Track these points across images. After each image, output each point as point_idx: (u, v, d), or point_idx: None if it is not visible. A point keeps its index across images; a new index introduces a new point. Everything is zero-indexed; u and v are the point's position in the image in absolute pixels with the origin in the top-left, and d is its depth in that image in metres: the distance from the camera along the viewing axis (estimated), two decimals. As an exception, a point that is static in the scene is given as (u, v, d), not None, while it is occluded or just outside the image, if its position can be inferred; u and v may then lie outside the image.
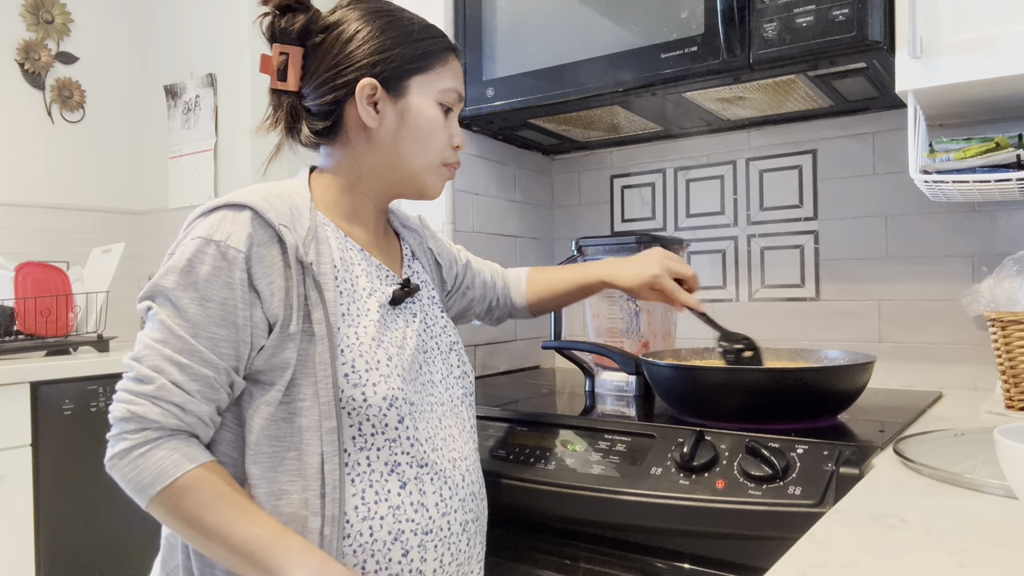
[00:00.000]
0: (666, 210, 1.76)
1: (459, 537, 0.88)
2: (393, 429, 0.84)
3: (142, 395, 0.76)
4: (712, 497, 0.90)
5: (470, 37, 1.53)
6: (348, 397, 0.81)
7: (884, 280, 1.49)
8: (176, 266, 0.79)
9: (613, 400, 1.31)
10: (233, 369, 0.80)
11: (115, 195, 2.75)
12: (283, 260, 0.81)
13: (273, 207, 0.82)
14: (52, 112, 2.58)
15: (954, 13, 1.09)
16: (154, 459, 0.75)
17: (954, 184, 1.14)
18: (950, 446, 0.89)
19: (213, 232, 0.80)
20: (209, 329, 0.78)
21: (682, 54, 1.25)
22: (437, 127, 0.94)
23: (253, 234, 0.80)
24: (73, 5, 2.63)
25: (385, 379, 0.84)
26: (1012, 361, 1.12)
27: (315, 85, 0.90)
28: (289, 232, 0.82)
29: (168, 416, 0.76)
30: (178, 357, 0.77)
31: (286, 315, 0.81)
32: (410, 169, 0.94)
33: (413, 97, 0.92)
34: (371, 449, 0.83)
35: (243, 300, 0.79)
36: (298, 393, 0.80)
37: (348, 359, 0.82)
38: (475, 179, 1.66)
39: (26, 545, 1.74)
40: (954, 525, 0.65)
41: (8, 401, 1.72)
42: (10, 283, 2.03)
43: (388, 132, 0.91)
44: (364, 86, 0.88)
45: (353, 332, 0.84)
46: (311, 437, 0.79)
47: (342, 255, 0.88)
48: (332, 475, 0.79)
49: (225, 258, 0.79)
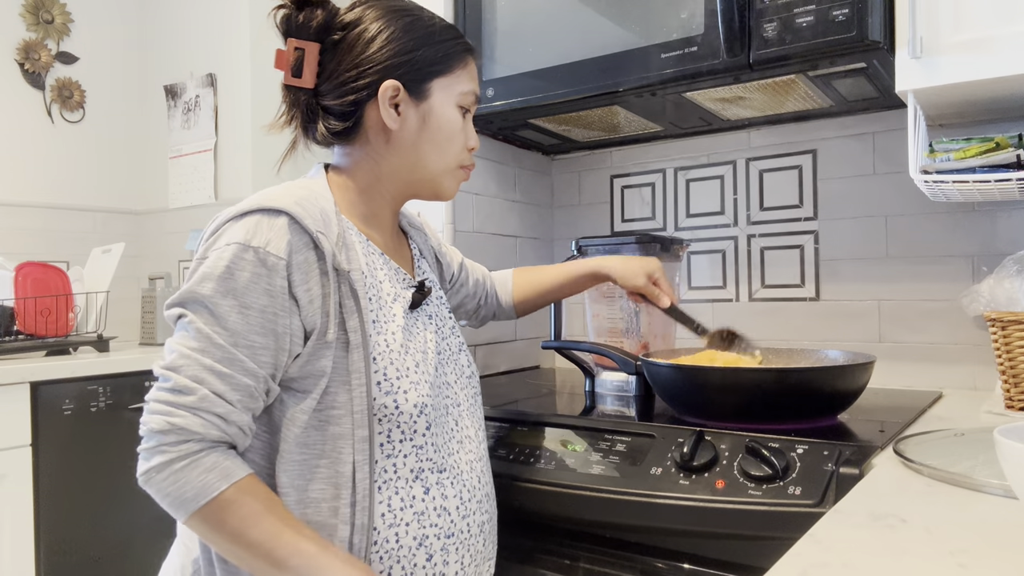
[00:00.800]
0: (666, 210, 1.76)
1: (477, 538, 0.89)
2: (421, 436, 0.84)
3: (182, 406, 0.74)
4: (712, 497, 0.90)
5: (470, 37, 1.53)
6: (380, 405, 0.81)
7: (884, 280, 1.49)
8: (213, 273, 0.77)
9: (613, 400, 1.31)
10: (271, 377, 0.79)
11: (115, 195, 2.75)
12: (319, 267, 0.80)
13: (308, 212, 0.81)
14: (52, 112, 2.58)
15: (954, 13, 1.09)
16: (196, 473, 0.73)
17: (954, 184, 1.14)
18: (950, 446, 0.89)
19: (251, 238, 0.78)
20: (249, 337, 0.76)
21: (682, 54, 1.25)
22: (456, 130, 0.93)
23: (292, 240, 0.79)
24: (73, 5, 2.63)
25: (415, 386, 0.84)
26: (1012, 361, 1.12)
27: (335, 84, 0.88)
28: (325, 239, 0.80)
29: (210, 427, 0.74)
30: (219, 367, 0.75)
31: (323, 323, 0.80)
32: (429, 172, 0.93)
33: (435, 100, 0.91)
34: (398, 456, 0.82)
35: (283, 308, 0.78)
36: (332, 401, 0.80)
37: (380, 367, 0.82)
38: (475, 179, 1.66)
39: (26, 545, 1.74)
40: (954, 525, 0.65)
41: (8, 401, 1.72)
42: (10, 283, 2.03)
43: (409, 134, 0.90)
44: (387, 88, 0.87)
45: (383, 339, 0.83)
46: (344, 445, 0.79)
47: (367, 260, 0.87)
48: (363, 483, 0.78)
49: (265, 265, 0.77)
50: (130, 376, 1.95)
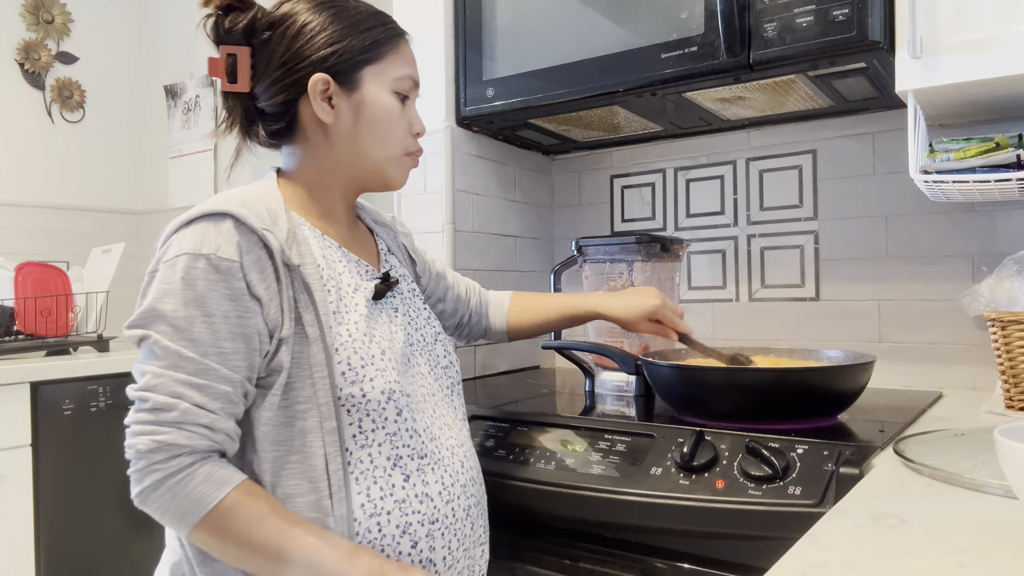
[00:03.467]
0: (666, 210, 1.76)
1: (463, 523, 0.89)
2: (392, 423, 0.84)
3: (166, 423, 0.75)
4: (712, 497, 0.90)
5: (470, 37, 1.53)
6: (347, 395, 0.81)
7: (884, 280, 1.49)
8: (169, 287, 0.77)
9: (613, 400, 1.31)
10: (247, 380, 0.79)
11: (115, 195, 2.76)
12: (271, 264, 0.81)
13: (253, 212, 0.81)
14: (52, 112, 2.59)
15: (954, 13, 1.09)
16: (192, 485, 0.74)
17: (954, 184, 1.14)
18: (950, 446, 0.89)
19: (200, 245, 0.78)
20: (218, 345, 0.77)
21: (682, 54, 1.25)
22: (394, 117, 0.92)
23: (240, 241, 0.79)
24: (73, 5, 2.63)
25: (381, 373, 0.84)
26: (1012, 361, 1.12)
27: (266, 85, 0.88)
28: (272, 236, 0.81)
29: (198, 438, 0.75)
30: (194, 379, 0.76)
31: (280, 319, 0.80)
32: (371, 162, 0.93)
33: (367, 89, 0.90)
34: (372, 445, 0.82)
35: (247, 309, 0.79)
36: (296, 396, 0.80)
37: (343, 357, 0.82)
38: (475, 179, 1.66)
39: (26, 545, 1.74)
40: (954, 525, 0.65)
41: (8, 401, 1.72)
42: (10, 283, 2.03)
43: (345, 127, 0.90)
44: (316, 82, 0.87)
45: (345, 330, 0.83)
46: (313, 439, 0.79)
47: (323, 253, 0.88)
48: (336, 475, 0.79)
49: (219, 270, 0.77)
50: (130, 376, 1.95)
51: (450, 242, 1.59)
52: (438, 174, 1.59)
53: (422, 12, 1.62)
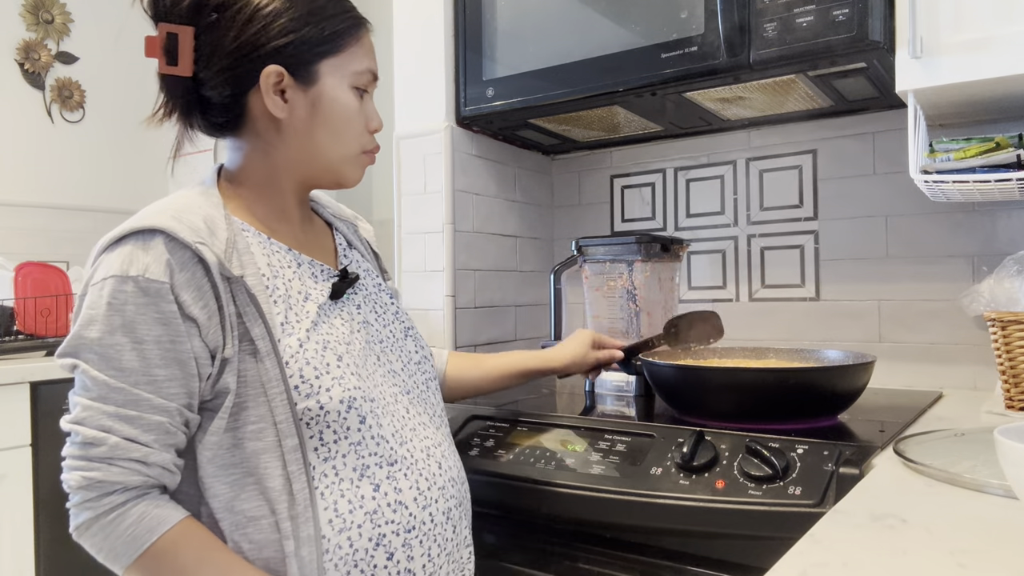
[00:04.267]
0: (666, 210, 1.76)
1: (444, 527, 0.85)
2: (356, 431, 0.79)
3: (96, 459, 0.71)
4: (712, 497, 0.90)
5: (470, 37, 1.53)
6: (303, 409, 0.76)
7: (884, 280, 1.49)
8: (96, 313, 0.72)
9: (613, 400, 1.31)
10: (186, 407, 0.74)
11: (115, 195, 2.75)
12: (208, 280, 0.75)
13: (185, 224, 0.75)
14: (52, 112, 2.59)
15: (954, 13, 1.09)
16: (124, 527, 0.70)
17: (954, 184, 1.14)
18: (950, 446, 0.89)
19: (127, 267, 0.73)
20: (151, 373, 0.72)
21: (682, 54, 1.25)
22: (353, 114, 0.86)
23: (171, 260, 0.73)
24: (73, 5, 2.63)
25: (338, 381, 0.79)
26: (1012, 361, 1.12)
27: (213, 72, 0.81)
28: (207, 249, 0.75)
29: (131, 474, 0.71)
30: (124, 411, 0.71)
31: (221, 338, 0.75)
32: (327, 160, 0.86)
33: (325, 83, 0.83)
34: (336, 457, 0.78)
35: (180, 333, 0.73)
36: (247, 417, 0.75)
37: (295, 369, 0.76)
38: (475, 179, 1.66)
39: (26, 545, 1.74)
40: (954, 525, 0.65)
41: (8, 401, 1.72)
42: (10, 283, 2.03)
43: (300, 123, 0.83)
44: (269, 74, 0.80)
45: (295, 340, 0.78)
46: (269, 460, 0.74)
47: (268, 260, 0.82)
48: (302, 494, 0.74)
49: (147, 293, 0.72)
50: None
51: (450, 242, 1.59)
52: (438, 174, 1.59)
53: (422, 12, 1.62)
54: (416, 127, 1.63)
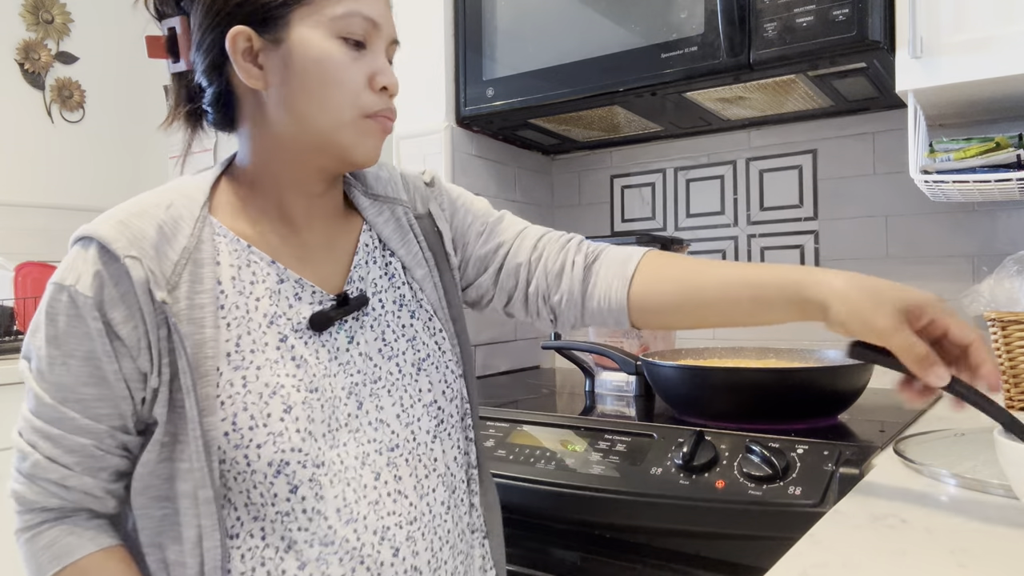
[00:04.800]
0: (666, 210, 1.76)
1: None
2: (284, 501, 0.67)
3: (21, 473, 0.67)
4: (712, 497, 0.90)
5: (470, 37, 1.53)
6: (231, 459, 0.66)
7: (884, 280, 1.49)
8: (39, 319, 0.67)
9: (613, 400, 1.31)
10: (119, 429, 0.67)
11: (115, 195, 2.75)
12: (136, 299, 0.66)
13: (128, 231, 0.66)
14: (52, 112, 2.58)
15: (954, 13, 1.09)
16: (36, 547, 0.67)
17: (954, 184, 1.14)
18: (950, 446, 0.89)
19: (65, 275, 0.66)
20: (78, 391, 0.66)
21: (682, 54, 1.25)
22: (338, 67, 0.69)
23: (102, 272, 0.65)
24: (73, 5, 2.63)
25: (274, 438, 0.66)
26: (1012, 361, 1.12)
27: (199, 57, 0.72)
28: (138, 263, 0.65)
29: (47, 496, 0.66)
30: (48, 428, 0.66)
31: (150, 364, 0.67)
32: (316, 132, 0.70)
33: (297, 34, 0.68)
34: (264, 520, 0.67)
35: (106, 352, 0.65)
36: (180, 452, 0.66)
37: (229, 413, 0.66)
38: (475, 179, 1.66)
39: (26, 545, 1.74)
40: (954, 525, 0.65)
41: (8, 401, 1.72)
42: (10, 283, 2.03)
43: (276, 91, 0.70)
44: (235, 36, 0.68)
45: (240, 377, 0.67)
46: (187, 506, 0.66)
47: (237, 274, 0.70)
48: (212, 553, 0.65)
49: (76, 305, 0.65)
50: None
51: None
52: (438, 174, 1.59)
53: (422, 12, 1.62)
54: (416, 127, 1.63)
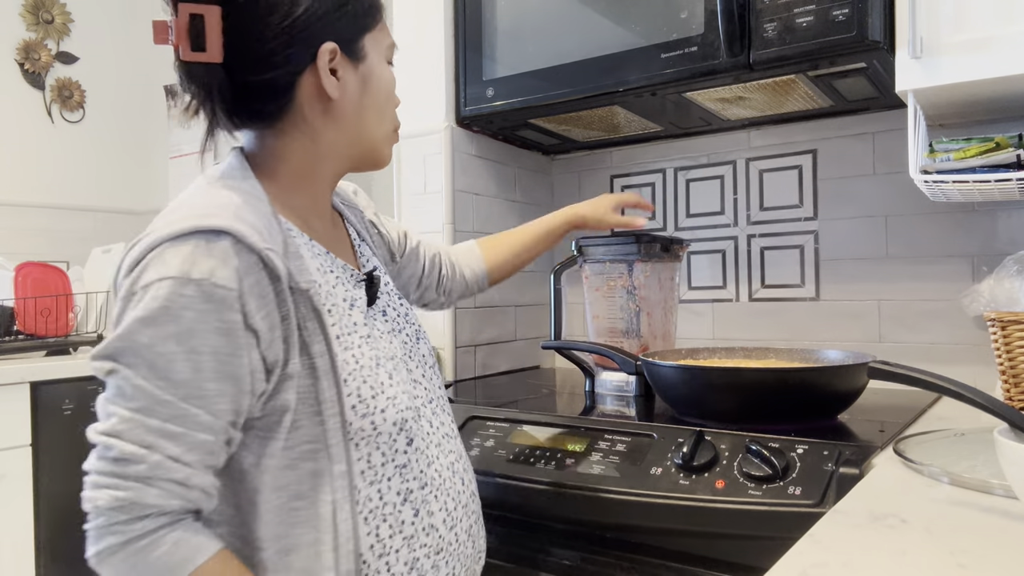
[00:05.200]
0: (666, 210, 1.76)
1: (465, 545, 0.83)
2: (403, 454, 0.76)
3: (131, 477, 0.63)
4: (712, 497, 0.90)
5: (470, 37, 1.53)
6: (356, 429, 0.72)
7: (884, 280, 1.49)
8: (148, 315, 0.64)
9: (613, 400, 1.31)
10: (231, 425, 0.68)
11: (115, 195, 2.76)
12: (273, 289, 0.69)
13: (251, 226, 0.68)
14: (52, 112, 2.59)
15: (954, 13, 1.09)
16: (156, 555, 0.63)
17: (954, 184, 1.14)
18: (950, 446, 0.89)
19: (189, 268, 0.65)
20: (202, 387, 0.65)
21: (682, 54, 1.25)
22: (393, 88, 0.84)
23: (240, 266, 0.66)
24: (73, 5, 2.63)
25: (392, 402, 0.76)
26: (1012, 361, 1.12)
27: (257, 56, 0.73)
28: (276, 256, 0.69)
29: (169, 497, 0.64)
30: (169, 427, 0.64)
31: (284, 352, 0.69)
32: (371, 140, 0.83)
33: (371, 58, 0.81)
34: (382, 481, 0.74)
35: (240, 345, 0.66)
36: (301, 436, 0.70)
37: (352, 388, 0.72)
38: (475, 179, 1.66)
39: (26, 545, 1.74)
40: (954, 525, 0.65)
41: (8, 401, 1.72)
42: (10, 283, 2.03)
43: (351, 102, 0.79)
44: (326, 52, 0.75)
45: (352, 356, 0.74)
46: (322, 484, 0.70)
47: (317, 265, 0.77)
48: (345, 524, 0.70)
49: (211, 299, 0.65)
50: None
51: (450, 242, 1.59)
52: (438, 174, 1.59)
53: (422, 12, 1.62)
54: (416, 127, 1.63)
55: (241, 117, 0.78)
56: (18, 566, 1.72)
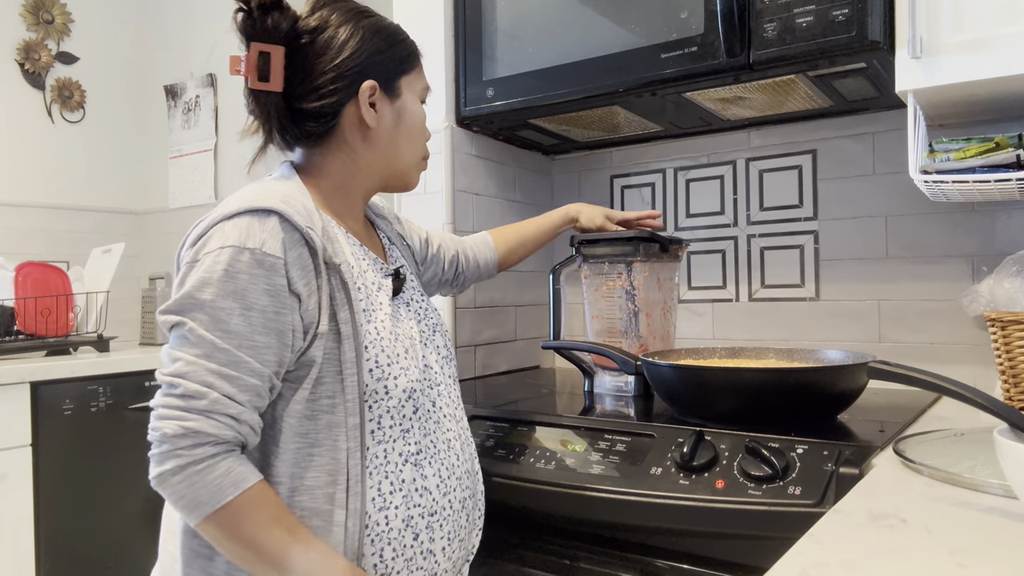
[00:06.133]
0: (666, 210, 1.76)
1: (459, 514, 0.92)
2: (408, 419, 0.88)
3: (195, 410, 0.75)
4: (712, 497, 0.91)
5: (470, 37, 1.53)
6: (371, 391, 0.84)
7: (884, 280, 1.49)
8: (211, 277, 0.78)
9: (612, 400, 1.31)
10: (275, 374, 0.80)
11: (115, 195, 2.76)
12: (312, 263, 0.82)
13: (295, 210, 0.82)
14: (52, 112, 2.59)
15: (954, 13, 1.09)
16: (212, 477, 0.75)
17: (954, 184, 1.14)
18: (950, 446, 0.89)
19: (245, 239, 0.79)
20: (253, 339, 0.78)
21: (682, 54, 1.25)
22: (423, 123, 1.00)
23: (285, 239, 0.81)
24: (73, 5, 2.63)
25: (405, 372, 0.88)
26: (1012, 361, 1.12)
27: (311, 87, 0.90)
28: (315, 235, 0.83)
29: (224, 428, 0.76)
30: (226, 370, 0.77)
31: (317, 316, 0.82)
32: (403, 164, 0.98)
33: (406, 96, 0.97)
34: (388, 442, 0.86)
35: (285, 306, 0.80)
36: (323, 391, 0.82)
37: (372, 354, 0.85)
38: (475, 179, 1.66)
39: (26, 545, 1.74)
40: (954, 525, 0.65)
41: (8, 401, 1.72)
42: (10, 283, 2.03)
43: (386, 131, 0.95)
44: (367, 88, 0.91)
45: (373, 328, 0.87)
46: (339, 434, 0.82)
47: (351, 251, 0.90)
48: (355, 470, 0.81)
49: (262, 265, 0.79)
50: (130, 376, 1.95)
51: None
52: (438, 174, 1.59)
53: (422, 12, 1.62)
54: (416, 127, 1.63)
55: (292, 136, 0.92)
56: (18, 566, 1.72)
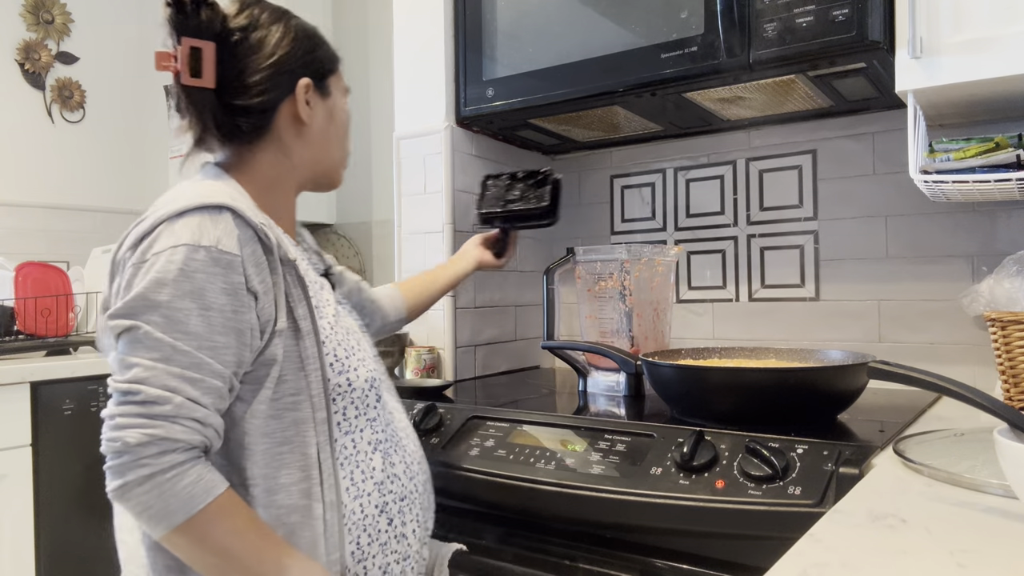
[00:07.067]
0: (666, 210, 1.76)
1: (423, 496, 0.96)
2: (372, 408, 0.90)
3: (159, 416, 0.72)
4: (712, 497, 0.90)
5: (470, 37, 1.53)
6: (334, 384, 0.85)
7: (884, 280, 1.49)
8: (166, 278, 0.75)
9: (605, 400, 1.31)
10: (234, 375, 0.79)
11: (115, 195, 2.75)
12: (267, 259, 0.82)
13: (246, 206, 0.82)
14: (52, 112, 2.58)
15: (954, 13, 1.09)
16: (182, 485, 0.72)
17: (954, 184, 1.14)
18: (950, 446, 0.89)
19: (199, 237, 0.77)
20: (213, 339, 0.76)
21: (682, 54, 1.25)
22: (349, 122, 1.02)
23: (241, 236, 0.79)
24: (73, 5, 2.63)
25: (363, 362, 0.89)
26: (1012, 361, 1.12)
27: (247, 84, 0.88)
28: (269, 231, 0.82)
29: (191, 432, 0.74)
30: (188, 373, 0.74)
31: (275, 314, 0.81)
32: (332, 162, 1.00)
33: (335, 95, 0.98)
34: (355, 432, 0.87)
35: (243, 304, 0.78)
36: (286, 389, 0.82)
37: (330, 348, 0.85)
38: (475, 179, 1.66)
39: (26, 545, 1.74)
40: (954, 525, 0.65)
41: (8, 401, 1.72)
42: (10, 283, 2.03)
43: (319, 128, 0.96)
44: (303, 86, 0.92)
45: (327, 323, 0.87)
46: (307, 430, 0.81)
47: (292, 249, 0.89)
48: (327, 463, 0.82)
49: (219, 263, 0.77)
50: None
51: (450, 242, 1.59)
52: (438, 174, 1.59)
53: (422, 12, 1.62)
54: (416, 127, 1.63)
55: (225, 133, 0.90)
56: (18, 566, 1.72)
